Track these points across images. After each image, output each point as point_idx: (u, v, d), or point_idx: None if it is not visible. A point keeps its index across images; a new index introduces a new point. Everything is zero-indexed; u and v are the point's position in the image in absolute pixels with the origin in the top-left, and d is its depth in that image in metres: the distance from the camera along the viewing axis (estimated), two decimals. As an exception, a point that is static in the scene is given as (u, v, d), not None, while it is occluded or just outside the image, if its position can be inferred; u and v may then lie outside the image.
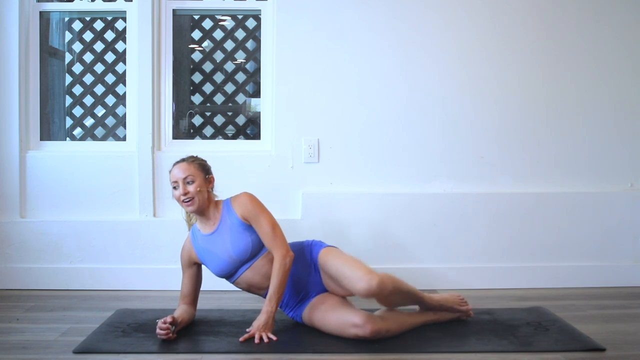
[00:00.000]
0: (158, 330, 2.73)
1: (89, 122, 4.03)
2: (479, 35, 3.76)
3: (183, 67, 4.02)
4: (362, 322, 2.70)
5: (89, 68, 3.99)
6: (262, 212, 2.88)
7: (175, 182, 2.87)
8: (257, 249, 2.89)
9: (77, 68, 4.03)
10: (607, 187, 3.81)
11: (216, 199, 2.98)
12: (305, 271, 2.95)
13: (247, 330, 2.80)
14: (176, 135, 3.90)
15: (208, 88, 4.07)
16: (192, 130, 4.08)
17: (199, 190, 2.87)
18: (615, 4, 3.79)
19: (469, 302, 3.09)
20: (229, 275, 2.93)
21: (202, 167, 2.94)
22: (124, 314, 3.15)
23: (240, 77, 4.08)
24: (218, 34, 4.06)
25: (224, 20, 4.06)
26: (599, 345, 2.68)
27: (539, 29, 3.78)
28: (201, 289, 3.05)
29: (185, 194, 2.85)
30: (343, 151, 3.76)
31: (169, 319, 2.75)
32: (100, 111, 4.03)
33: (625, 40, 3.80)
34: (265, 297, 2.88)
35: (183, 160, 2.94)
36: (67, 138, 4.06)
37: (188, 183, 2.87)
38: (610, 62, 3.80)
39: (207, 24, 4.05)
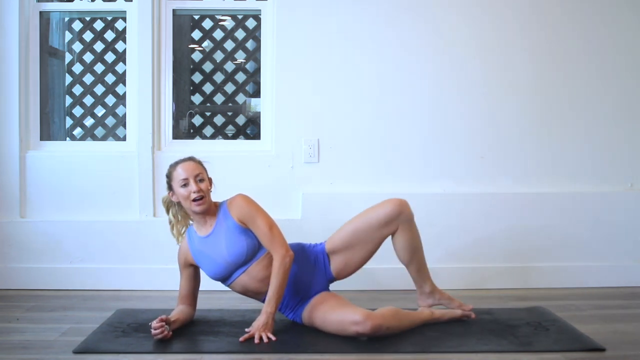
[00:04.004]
0: (153, 332, 2.72)
1: (89, 122, 4.03)
2: (479, 34, 3.76)
3: (183, 67, 4.03)
4: (362, 318, 2.70)
5: (89, 68, 4.00)
6: (258, 213, 2.87)
7: (186, 179, 2.84)
8: (252, 253, 2.88)
9: (77, 68, 4.03)
10: (607, 187, 3.81)
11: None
12: (306, 269, 2.94)
13: (247, 330, 2.80)
14: (176, 135, 3.90)
15: (208, 88, 4.07)
16: (192, 130, 4.09)
17: (208, 189, 2.88)
18: (616, 3, 3.78)
19: (468, 303, 3.10)
20: (224, 278, 2.92)
21: (205, 169, 2.95)
22: (124, 314, 3.14)
23: (240, 77, 4.08)
24: (218, 34, 4.06)
25: (224, 20, 4.06)
26: (599, 345, 2.68)
27: (538, 29, 3.78)
28: (201, 289, 3.05)
29: (198, 190, 2.84)
30: (343, 151, 3.76)
31: (159, 318, 2.74)
32: (100, 111, 4.03)
33: (626, 39, 3.80)
34: (263, 302, 2.87)
35: (189, 159, 2.93)
36: (67, 138, 4.06)
37: (199, 181, 2.86)
38: (610, 61, 3.80)
39: (207, 24, 4.05)
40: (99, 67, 3.99)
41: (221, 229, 2.89)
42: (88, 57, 4.00)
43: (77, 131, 4.08)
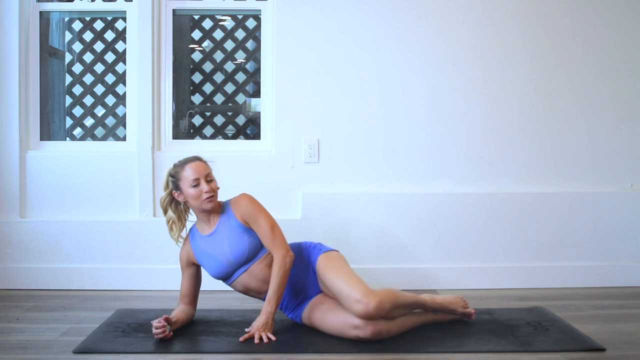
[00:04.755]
0: (154, 331, 2.73)
1: (89, 122, 4.03)
2: (479, 35, 3.76)
3: (183, 67, 4.03)
4: (363, 323, 2.69)
5: (89, 68, 3.99)
6: (261, 213, 2.88)
7: (197, 179, 2.86)
8: (254, 252, 2.88)
9: (77, 68, 4.03)
10: (607, 187, 3.81)
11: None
12: (303, 273, 2.94)
13: (247, 330, 2.81)
14: (176, 135, 3.90)
15: (208, 88, 4.07)
16: (192, 130, 4.09)
17: (217, 188, 2.90)
18: (616, 3, 3.78)
19: (470, 304, 3.09)
20: (226, 277, 2.93)
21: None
22: (124, 314, 3.15)
23: (240, 77, 4.08)
24: (218, 34, 4.06)
25: (224, 20, 4.06)
26: (599, 345, 2.68)
27: (538, 29, 3.78)
28: (201, 289, 3.05)
29: (211, 190, 2.85)
30: (343, 151, 3.76)
31: (162, 317, 2.75)
32: (100, 111, 4.03)
33: (626, 39, 3.80)
34: (264, 300, 2.87)
35: (197, 158, 2.94)
36: (67, 138, 4.06)
37: (209, 181, 2.88)
38: (610, 61, 3.80)
39: (207, 24, 4.05)
40: (99, 67, 3.99)
41: (224, 227, 2.89)
42: (88, 57, 4.00)
43: (77, 131, 4.08)
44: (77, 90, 4.01)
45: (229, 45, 4.04)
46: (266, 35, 3.82)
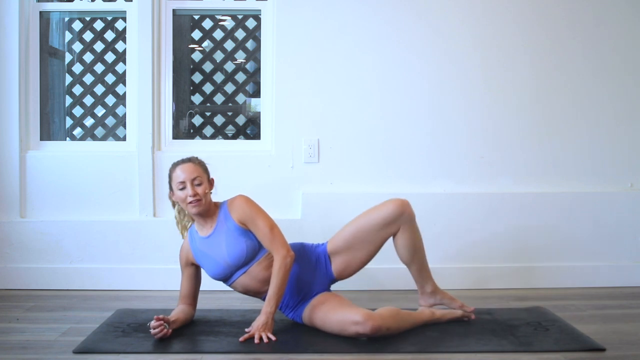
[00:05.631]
0: (152, 331, 2.72)
1: (89, 122, 4.03)
2: (479, 35, 3.76)
3: (183, 67, 4.03)
4: (363, 319, 2.70)
5: (89, 68, 3.99)
6: (259, 214, 2.87)
7: (183, 182, 2.84)
8: (252, 255, 2.87)
9: (77, 68, 4.03)
10: (607, 187, 3.81)
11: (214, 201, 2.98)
12: (308, 270, 2.94)
13: (247, 330, 2.81)
14: (176, 135, 3.90)
15: (208, 88, 4.07)
16: (192, 130, 4.09)
17: (205, 192, 2.86)
18: (616, 3, 3.79)
19: (470, 304, 3.10)
20: (225, 278, 2.92)
21: (206, 170, 2.94)
22: (124, 314, 3.15)
23: (240, 77, 4.08)
24: (218, 34, 4.06)
25: (224, 20, 4.07)
26: (599, 345, 2.68)
27: (538, 29, 3.78)
28: (201, 289, 3.05)
29: (194, 194, 2.83)
30: (343, 151, 3.76)
31: (155, 317, 2.73)
32: (100, 111, 4.03)
33: (626, 40, 3.80)
34: (264, 300, 2.88)
35: (189, 160, 2.91)
36: (67, 138, 4.06)
37: (197, 184, 2.85)
38: (610, 61, 3.80)
39: (207, 24, 4.05)
40: (99, 67, 3.99)
41: (222, 230, 2.89)
42: (88, 57, 4.00)
43: (77, 131, 4.08)
44: (77, 90, 4.01)
45: (229, 45, 4.04)
46: (266, 35, 3.82)
